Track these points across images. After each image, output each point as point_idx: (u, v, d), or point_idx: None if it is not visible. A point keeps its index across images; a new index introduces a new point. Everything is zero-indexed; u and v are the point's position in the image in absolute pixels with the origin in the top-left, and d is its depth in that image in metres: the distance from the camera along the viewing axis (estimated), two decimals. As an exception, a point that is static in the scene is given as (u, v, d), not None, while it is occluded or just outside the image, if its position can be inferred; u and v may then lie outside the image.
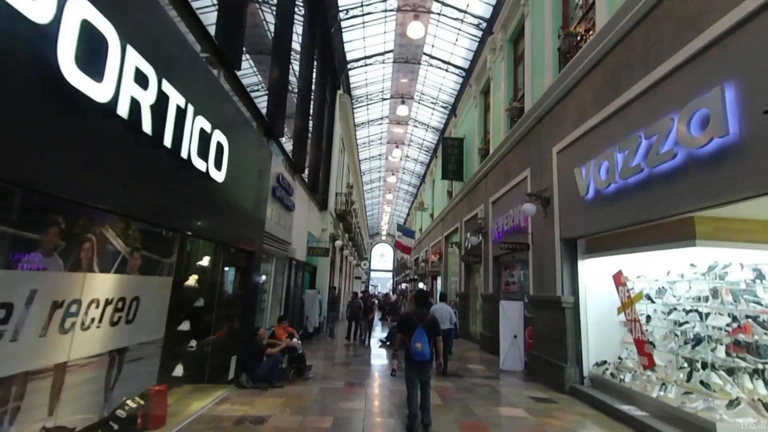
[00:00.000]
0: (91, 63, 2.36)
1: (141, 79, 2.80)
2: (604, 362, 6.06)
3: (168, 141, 3.19)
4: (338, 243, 15.22)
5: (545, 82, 7.66)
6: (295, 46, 10.15)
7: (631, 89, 5.01)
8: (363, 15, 14.00)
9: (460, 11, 13.31)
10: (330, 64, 14.09)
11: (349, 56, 16.40)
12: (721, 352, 4.42)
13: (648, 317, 5.51)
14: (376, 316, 17.32)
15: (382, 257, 58.70)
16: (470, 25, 13.68)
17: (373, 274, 55.43)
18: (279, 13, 8.05)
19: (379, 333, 13.68)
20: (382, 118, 24.01)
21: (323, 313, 12.38)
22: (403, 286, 32.86)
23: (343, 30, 14.32)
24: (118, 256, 3.61)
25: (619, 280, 5.84)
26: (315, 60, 11.76)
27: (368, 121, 23.80)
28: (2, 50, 1.88)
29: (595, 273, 6.38)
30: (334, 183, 14.96)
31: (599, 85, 5.88)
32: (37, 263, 2.74)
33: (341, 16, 13.38)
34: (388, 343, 10.76)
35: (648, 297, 5.53)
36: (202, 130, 3.81)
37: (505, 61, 10.62)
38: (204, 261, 5.63)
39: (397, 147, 27.13)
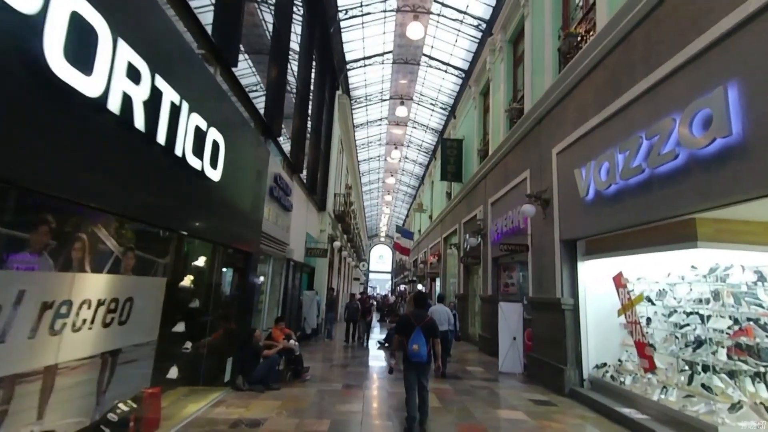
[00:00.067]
0: (81, 56, 2.29)
1: (133, 74, 2.73)
2: (604, 364, 6.02)
3: (162, 138, 3.12)
4: (337, 244, 15.15)
5: (545, 83, 7.63)
6: (294, 46, 10.11)
7: (632, 89, 4.97)
8: (362, 15, 13.98)
9: (460, 12, 13.30)
10: (329, 64, 14.05)
11: (348, 57, 16.36)
12: (723, 355, 4.39)
13: (648, 319, 5.46)
14: (375, 318, 17.24)
15: (380, 258, 58.65)
16: (470, 26, 13.67)
17: (371, 276, 55.37)
18: (277, 12, 8.01)
19: (377, 334, 13.61)
20: (381, 119, 24.01)
21: (321, 315, 12.32)
22: (402, 287, 32.81)
23: (342, 30, 14.29)
24: (111, 255, 3.56)
25: (620, 281, 5.80)
26: (314, 60, 11.72)
27: (367, 122, 23.77)
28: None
29: (594, 275, 6.34)
30: (333, 184, 14.89)
31: (600, 85, 5.84)
32: (26, 263, 2.68)
33: (340, 16, 13.35)
34: (386, 344, 10.70)
35: (648, 299, 5.50)
36: (198, 128, 3.75)
37: (504, 62, 10.60)
38: (200, 261, 5.56)
39: (396, 148, 27.12)
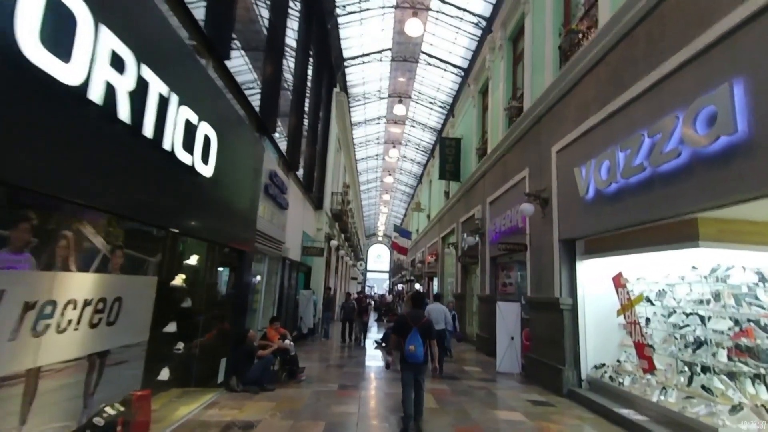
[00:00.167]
0: (58, 41, 2.15)
1: (117, 63, 2.60)
2: (603, 365, 5.97)
3: (149, 131, 2.99)
4: (334, 243, 15.06)
5: (545, 81, 7.54)
6: (291, 42, 9.97)
7: (635, 87, 4.89)
8: (360, 11, 13.85)
9: (459, 9, 13.20)
10: (326, 61, 13.90)
11: (345, 53, 16.22)
12: (723, 356, 4.34)
13: (647, 320, 5.40)
14: (372, 317, 17.14)
15: (378, 258, 58.61)
16: (469, 23, 13.58)
17: (369, 275, 55.31)
18: (273, 6, 7.87)
19: (375, 334, 13.53)
20: (379, 118, 23.89)
21: (318, 314, 12.22)
22: (400, 287, 32.76)
23: (339, 26, 14.15)
24: (99, 254, 3.45)
25: (619, 281, 5.73)
26: (311, 57, 11.58)
27: (365, 121, 23.65)
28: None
29: (594, 274, 6.28)
30: (330, 182, 14.77)
31: (601, 82, 5.76)
32: (7, 262, 2.57)
33: (338, 11, 13.21)
34: (383, 344, 10.65)
35: (647, 299, 5.43)
36: (188, 122, 3.62)
37: (504, 60, 10.51)
38: (192, 260, 5.45)
39: (394, 147, 27.02)
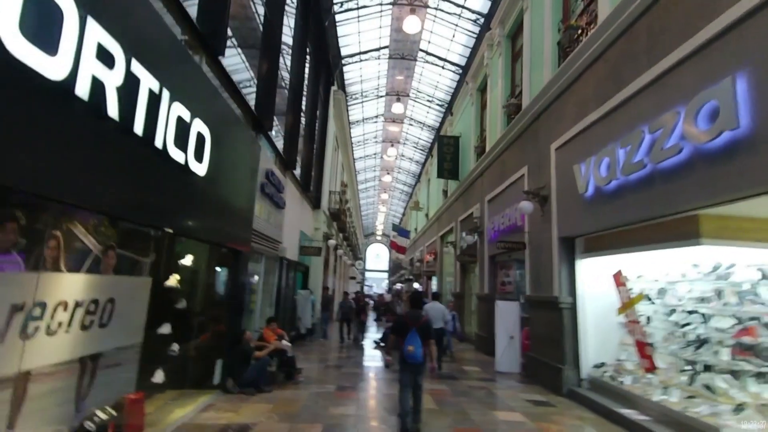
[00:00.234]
0: (42, 34, 2.07)
1: (105, 57, 2.52)
2: (603, 364, 5.92)
3: (139, 128, 2.91)
4: (332, 242, 14.96)
5: (544, 78, 7.48)
6: (288, 39, 9.87)
7: (635, 82, 4.83)
8: (358, 8, 13.76)
9: (458, 6, 13.13)
10: (324, 59, 13.80)
11: (343, 51, 16.13)
12: (725, 355, 4.29)
13: (648, 318, 5.35)
14: (371, 317, 17.08)
15: (377, 257, 58.56)
16: (467, 20, 13.50)
17: (368, 275, 55.27)
18: (270, 3, 7.77)
19: (373, 334, 13.47)
20: (377, 116, 23.81)
21: (316, 314, 12.15)
22: (398, 286, 32.69)
23: (337, 24, 14.06)
24: (90, 254, 3.36)
25: (619, 280, 5.67)
26: (308, 54, 11.48)
27: (363, 119, 23.56)
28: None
29: (593, 273, 6.22)
30: (328, 181, 14.69)
31: (601, 78, 5.70)
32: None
33: (335, 9, 13.11)
34: (382, 344, 10.62)
35: (648, 298, 5.38)
36: (180, 119, 3.53)
37: (502, 57, 10.45)
38: (187, 260, 5.36)
39: (392, 145, 26.95)
